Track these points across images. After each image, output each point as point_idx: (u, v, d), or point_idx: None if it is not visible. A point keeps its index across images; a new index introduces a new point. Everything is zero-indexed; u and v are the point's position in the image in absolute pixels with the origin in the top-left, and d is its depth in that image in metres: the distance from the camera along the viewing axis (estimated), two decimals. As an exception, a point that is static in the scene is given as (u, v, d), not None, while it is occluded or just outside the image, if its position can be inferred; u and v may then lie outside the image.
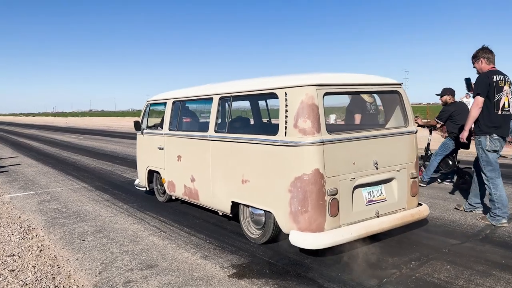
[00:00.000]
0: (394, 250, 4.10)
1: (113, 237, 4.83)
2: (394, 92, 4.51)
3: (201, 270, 3.78)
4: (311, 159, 3.70)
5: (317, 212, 3.70)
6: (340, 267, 3.72)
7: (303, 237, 3.73)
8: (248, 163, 4.30)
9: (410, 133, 4.45)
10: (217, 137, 4.74)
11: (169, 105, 5.86)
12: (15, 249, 4.51)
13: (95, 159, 12.57)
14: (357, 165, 3.95)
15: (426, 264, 3.74)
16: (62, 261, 4.15)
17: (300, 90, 3.80)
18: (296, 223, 3.78)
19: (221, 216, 5.04)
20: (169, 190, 5.97)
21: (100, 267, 3.94)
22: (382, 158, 4.14)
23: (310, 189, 3.69)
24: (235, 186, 4.48)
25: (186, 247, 4.41)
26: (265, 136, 4.17)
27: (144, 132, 6.49)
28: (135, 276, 3.70)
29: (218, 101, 4.84)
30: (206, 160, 4.93)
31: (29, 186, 8.28)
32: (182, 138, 5.49)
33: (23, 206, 6.58)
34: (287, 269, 3.74)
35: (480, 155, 4.96)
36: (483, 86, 4.76)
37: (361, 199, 4.02)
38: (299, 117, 3.75)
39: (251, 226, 4.52)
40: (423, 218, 4.55)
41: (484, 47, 4.97)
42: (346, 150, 3.89)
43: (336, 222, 3.79)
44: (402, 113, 4.51)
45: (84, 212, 6.06)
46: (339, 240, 3.74)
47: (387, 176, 4.22)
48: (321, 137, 3.70)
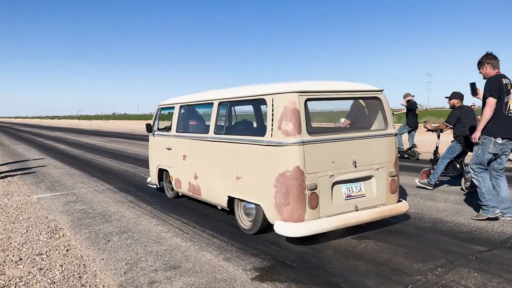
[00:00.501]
0: (419, 256, 4.03)
1: (137, 238, 4.91)
2: (375, 98, 4.90)
3: (224, 272, 3.80)
4: (292, 157, 4.17)
5: (297, 204, 4.16)
6: (363, 273, 3.69)
7: (286, 226, 4.19)
8: (241, 162, 4.79)
9: (389, 135, 4.83)
10: (216, 138, 5.26)
11: (177, 109, 6.44)
12: (43, 248, 4.62)
13: (118, 161, 12.79)
14: (336, 163, 4.39)
15: (452, 271, 3.66)
16: (88, 260, 4.23)
17: (284, 96, 4.26)
18: (280, 214, 4.25)
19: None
20: (176, 187, 6.47)
21: (125, 267, 4.00)
22: (361, 158, 4.56)
23: (291, 184, 4.15)
24: (230, 182, 4.96)
25: (208, 249, 4.45)
26: (255, 137, 4.64)
27: (155, 134, 7.05)
28: (159, 276, 3.74)
29: (218, 105, 5.34)
30: (207, 159, 5.45)
31: (55, 187, 8.49)
32: (187, 139, 6.03)
33: (50, 206, 6.74)
34: (310, 273, 3.72)
35: (476, 153, 5.15)
36: (495, 89, 4.92)
37: (340, 194, 4.45)
38: (282, 120, 4.22)
39: (243, 218, 5.00)
40: (402, 213, 4.94)
41: (488, 53, 5.15)
42: (326, 150, 4.34)
43: (315, 214, 4.24)
44: (383, 117, 4.89)
45: (109, 213, 6.18)
46: (317, 230, 4.18)
47: (366, 174, 4.62)
48: (302, 138, 4.17)
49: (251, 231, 4.84)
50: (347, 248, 4.33)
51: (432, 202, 6.26)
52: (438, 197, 6.55)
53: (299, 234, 4.16)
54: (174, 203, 6.64)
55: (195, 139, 5.78)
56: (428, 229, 4.91)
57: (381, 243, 4.44)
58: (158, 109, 7.17)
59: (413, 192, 7.02)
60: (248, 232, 4.88)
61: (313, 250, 4.32)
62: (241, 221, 5.03)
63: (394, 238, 4.61)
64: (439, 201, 6.28)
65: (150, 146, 7.33)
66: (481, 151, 5.09)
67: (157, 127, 7.08)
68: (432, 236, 4.66)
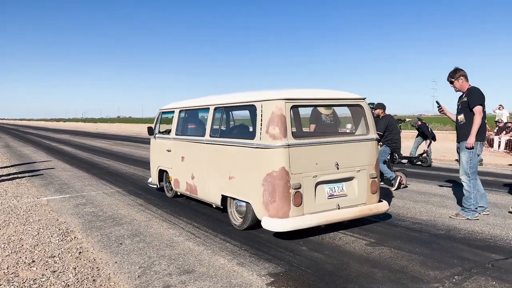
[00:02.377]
0: (435, 264, 3.99)
1: (149, 241, 4.89)
2: (357, 105, 5.23)
3: (239, 277, 3.78)
4: (278, 159, 4.50)
5: (283, 202, 4.49)
6: (380, 280, 3.65)
7: (272, 221, 4.52)
8: (233, 163, 5.12)
9: (369, 140, 5.15)
10: (211, 141, 5.60)
11: (176, 113, 6.80)
12: (55, 251, 4.62)
13: (126, 164, 12.81)
14: (319, 165, 4.72)
15: (469, 279, 3.62)
16: (101, 263, 4.22)
17: (272, 103, 4.62)
18: (267, 210, 4.58)
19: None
20: (174, 187, 6.82)
21: (138, 270, 3.99)
22: (342, 160, 4.89)
23: (277, 183, 4.49)
24: (224, 182, 5.30)
25: (222, 253, 4.43)
26: (246, 140, 4.97)
27: (156, 137, 7.42)
28: (174, 281, 3.72)
29: (213, 111, 5.71)
30: (203, 161, 5.80)
31: (64, 190, 8.50)
32: (185, 141, 6.41)
33: (60, 208, 6.74)
34: (325, 279, 3.69)
35: (468, 158, 5.50)
36: (482, 98, 5.46)
37: (323, 193, 4.77)
38: (270, 125, 4.56)
39: (235, 215, 5.33)
40: (381, 213, 5.25)
41: (457, 68, 5.65)
42: (310, 152, 4.67)
43: (299, 211, 4.57)
44: (365, 123, 5.22)
45: (120, 216, 6.17)
46: (301, 225, 4.52)
47: (348, 175, 4.95)
48: (287, 141, 4.50)
49: (241, 227, 5.19)
50: (362, 255, 4.30)
51: (444, 209, 6.22)
52: (450, 205, 6.51)
53: (284, 229, 4.49)
54: (183, 207, 6.63)
55: (193, 141, 6.17)
56: (442, 237, 4.87)
57: (395, 250, 4.40)
58: (159, 113, 7.54)
59: (425, 199, 6.98)
60: (239, 228, 5.23)
61: (326, 256, 4.29)
62: (233, 218, 5.36)
63: (409, 245, 4.57)
64: (451, 208, 6.24)
65: (151, 148, 7.72)
66: (473, 155, 5.48)
67: (158, 130, 7.45)
68: (446, 243, 4.62)
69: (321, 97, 5.05)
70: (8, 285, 3.70)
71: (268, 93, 4.83)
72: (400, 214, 5.96)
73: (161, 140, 7.22)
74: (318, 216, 4.65)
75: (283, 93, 4.70)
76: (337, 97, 5.15)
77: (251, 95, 5.15)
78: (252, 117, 6.43)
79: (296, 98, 4.74)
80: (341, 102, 5.21)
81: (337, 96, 5.15)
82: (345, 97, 5.20)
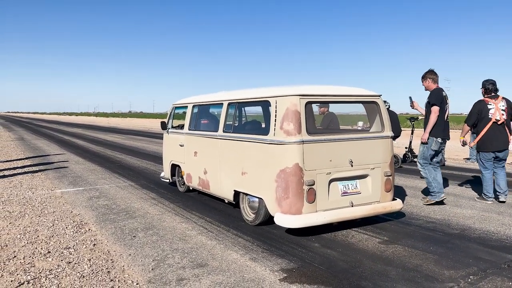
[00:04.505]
0: (450, 263, 3.96)
1: (162, 234, 4.93)
2: (373, 102, 5.19)
3: (251, 272, 3.78)
4: (292, 155, 4.47)
5: (296, 198, 4.47)
6: (394, 278, 3.63)
7: (285, 218, 4.51)
8: (247, 158, 5.11)
9: (385, 138, 5.13)
10: (225, 136, 5.59)
11: (190, 108, 6.82)
12: (70, 242, 4.67)
13: (138, 158, 12.91)
14: (333, 162, 4.69)
15: (485, 279, 3.58)
16: (115, 256, 4.26)
17: (287, 99, 4.58)
18: (280, 207, 4.57)
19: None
20: (187, 181, 6.86)
21: (152, 263, 4.02)
22: (357, 157, 4.86)
23: (291, 179, 4.46)
24: (237, 177, 5.31)
25: (234, 248, 4.44)
26: (260, 136, 4.96)
27: (169, 132, 7.45)
28: (187, 274, 3.75)
29: (227, 106, 5.69)
30: (216, 156, 5.80)
31: (77, 182, 8.59)
32: (198, 137, 6.39)
33: (73, 201, 6.82)
34: (339, 276, 3.68)
35: (422, 150, 6.30)
36: (439, 98, 6.08)
37: (336, 190, 4.75)
38: (284, 121, 4.53)
39: (248, 211, 5.33)
40: (395, 211, 5.21)
41: (430, 70, 6.33)
42: (324, 149, 4.64)
43: (312, 208, 4.55)
44: (380, 120, 5.18)
45: (133, 209, 6.22)
46: (313, 222, 4.51)
47: (362, 172, 4.92)
48: (302, 137, 4.47)
49: (253, 222, 5.19)
50: (375, 253, 4.27)
51: (458, 208, 6.15)
52: (464, 204, 6.44)
53: (297, 225, 4.49)
54: (195, 201, 6.66)
55: (206, 136, 6.15)
56: (456, 236, 4.82)
57: (409, 249, 4.37)
58: (173, 108, 7.54)
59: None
60: (252, 223, 5.23)
61: (339, 253, 4.27)
62: (245, 213, 5.36)
63: (422, 244, 4.54)
64: (465, 208, 6.17)
65: (164, 142, 7.75)
66: (426, 149, 6.22)
67: (171, 125, 7.47)
68: (461, 243, 4.57)
69: (336, 93, 4.99)
70: (25, 274, 3.75)
71: (282, 89, 4.79)
72: (414, 213, 5.91)
73: (174, 135, 7.26)
74: (331, 213, 4.64)
75: (298, 89, 4.67)
76: (353, 93, 5.09)
77: (265, 91, 5.14)
78: (265, 113, 6.46)
79: (311, 94, 4.71)
80: (356, 98, 5.13)
81: (353, 93, 5.09)
82: (361, 94, 5.14)
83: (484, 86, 6.49)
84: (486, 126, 6.29)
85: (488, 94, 6.43)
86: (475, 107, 6.42)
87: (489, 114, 6.29)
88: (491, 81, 6.48)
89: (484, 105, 6.33)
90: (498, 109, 6.30)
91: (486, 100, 6.35)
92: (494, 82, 6.48)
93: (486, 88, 6.47)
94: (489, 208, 6.17)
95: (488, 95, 6.43)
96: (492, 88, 6.43)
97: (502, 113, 6.30)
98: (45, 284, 3.57)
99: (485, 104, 6.33)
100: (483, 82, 6.55)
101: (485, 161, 6.45)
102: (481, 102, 6.39)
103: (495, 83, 6.48)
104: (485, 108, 6.32)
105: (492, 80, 6.50)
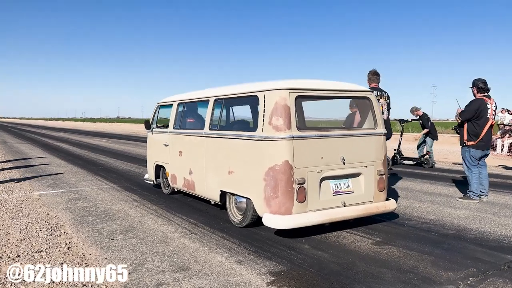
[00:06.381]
0: (447, 265, 3.74)
1: (142, 237, 4.63)
2: (365, 98, 4.97)
3: (237, 275, 3.51)
4: (281, 151, 4.22)
5: (285, 197, 4.20)
6: (389, 280, 3.39)
7: (274, 218, 4.23)
8: (234, 156, 4.85)
9: (377, 135, 4.88)
10: (211, 134, 5.32)
11: (175, 106, 6.51)
12: (43, 245, 4.35)
13: (123, 161, 12.54)
14: (324, 159, 4.44)
15: (485, 281, 3.37)
16: (90, 259, 3.95)
17: (275, 93, 4.34)
18: (269, 207, 4.29)
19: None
20: (171, 183, 6.52)
21: (130, 267, 3.72)
22: (349, 155, 4.61)
23: (280, 177, 4.20)
24: (223, 176, 5.02)
25: (219, 250, 4.16)
26: (247, 132, 4.75)
27: (153, 131, 7.14)
28: (167, 278, 3.46)
29: (213, 102, 5.42)
30: (201, 155, 5.52)
31: (57, 185, 8.22)
32: (184, 135, 6.12)
33: (51, 203, 6.47)
34: (331, 279, 3.43)
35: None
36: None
37: (328, 189, 4.49)
38: (273, 116, 4.28)
39: (235, 212, 5.05)
40: (389, 211, 4.96)
41: (371, 70, 6.57)
42: (315, 145, 4.40)
43: (303, 208, 4.28)
44: (373, 116, 4.95)
45: (113, 211, 5.90)
46: (304, 223, 4.23)
47: (354, 171, 4.67)
48: (291, 133, 4.22)
49: (240, 224, 4.91)
50: (368, 254, 4.04)
51: (452, 209, 5.96)
52: (458, 205, 6.25)
53: (286, 226, 4.21)
54: (180, 203, 6.37)
55: (191, 135, 5.90)
56: (452, 237, 4.61)
57: (404, 250, 4.15)
58: (157, 107, 7.23)
59: (431, 199, 6.72)
60: (239, 225, 4.93)
61: (331, 255, 4.03)
62: (232, 215, 5.08)
63: (418, 245, 4.31)
64: (459, 208, 5.98)
65: (148, 142, 7.45)
66: None
67: (156, 124, 7.17)
68: (457, 243, 4.36)
69: (327, 88, 4.73)
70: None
71: (271, 83, 4.54)
72: (407, 213, 5.70)
73: (158, 134, 6.96)
74: (323, 213, 4.37)
75: (287, 82, 4.41)
76: (344, 88, 4.86)
77: (253, 85, 4.87)
78: (253, 110, 6.20)
79: (301, 88, 4.45)
80: (348, 94, 4.93)
81: (344, 88, 4.86)
82: (353, 89, 4.92)
83: (476, 85, 6.33)
84: (486, 126, 6.16)
85: (482, 93, 6.27)
86: (475, 104, 6.20)
87: (487, 113, 6.13)
88: (482, 80, 6.33)
89: (484, 104, 6.16)
90: (492, 110, 6.18)
91: (485, 99, 6.18)
92: (485, 81, 6.34)
93: (478, 87, 6.31)
94: (482, 208, 5.99)
95: (482, 94, 6.27)
96: (484, 87, 6.28)
97: (493, 114, 6.20)
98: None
99: (484, 103, 6.16)
100: (474, 81, 6.39)
101: (474, 160, 6.31)
102: (481, 100, 6.21)
103: (486, 82, 6.33)
104: (484, 108, 6.15)
105: (483, 79, 6.35)
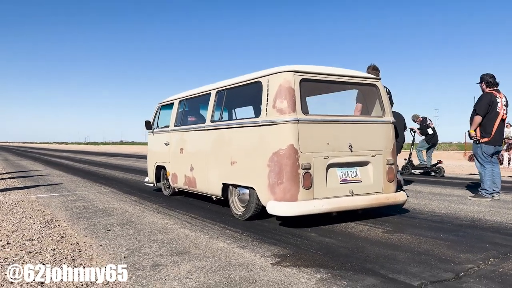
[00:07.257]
0: (464, 248, 3.49)
1: (140, 228, 4.40)
2: (372, 85, 4.81)
3: (239, 257, 3.28)
4: (286, 135, 4.04)
5: (291, 183, 4.01)
6: (403, 260, 3.15)
7: (279, 205, 4.02)
8: (236, 146, 4.69)
9: (385, 123, 4.71)
10: (213, 126, 5.19)
11: (176, 104, 6.40)
12: (35, 235, 4.12)
13: (124, 172, 12.37)
14: (331, 145, 4.26)
15: (508, 261, 3.12)
16: (84, 246, 3.72)
17: (279, 75, 4.19)
18: (273, 194, 4.10)
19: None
20: (172, 182, 6.34)
21: (125, 252, 3.49)
22: (357, 142, 4.43)
23: (285, 162, 4.01)
24: (225, 168, 4.88)
25: (220, 238, 3.93)
26: (250, 119, 4.58)
27: (154, 132, 7.02)
28: (165, 260, 3.22)
29: (215, 94, 5.29)
30: (203, 149, 5.38)
31: (55, 190, 8.02)
32: (185, 131, 5.96)
33: (48, 203, 6.26)
34: (341, 260, 3.19)
35: None
36: None
37: (335, 177, 4.29)
38: (277, 98, 4.12)
39: (237, 204, 4.85)
40: (400, 203, 4.74)
41: (370, 65, 6.00)
42: (321, 130, 4.22)
43: (309, 195, 4.08)
44: (380, 104, 4.79)
45: (111, 209, 5.68)
46: (310, 210, 4.00)
47: (362, 159, 4.48)
48: (296, 116, 4.04)
49: (243, 216, 4.70)
50: (379, 240, 3.79)
51: (465, 205, 5.71)
52: (470, 202, 6.00)
53: (292, 213, 3.99)
54: (181, 202, 6.16)
55: (192, 130, 5.76)
56: (467, 226, 4.37)
57: (417, 237, 3.90)
58: (158, 108, 7.12)
59: (441, 198, 6.49)
60: (241, 218, 4.73)
61: (339, 241, 3.78)
62: (235, 207, 4.89)
63: (431, 232, 4.07)
64: (471, 205, 5.74)
65: (149, 144, 7.31)
66: None
67: (157, 124, 7.07)
68: (473, 231, 4.12)
69: (333, 73, 4.55)
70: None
71: (275, 68, 4.38)
72: (417, 209, 5.45)
73: (159, 134, 6.85)
74: (330, 201, 4.14)
75: (291, 66, 4.27)
76: (351, 74, 4.69)
77: (256, 73, 4.69)
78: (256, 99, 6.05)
79: (305, 72, 4.30)
80: (354, 80, 4.74)
81: (351, 74, 4.70)
82: (360, 76, 4.77)
83: (485, 80, 6.17)
84: (497, 121, 5.96)
85: (491, 87, 6.11)
86: (485, 98, 6.01)
87: (497, 108, 5.96)
88: (491, 75, 6.18)
89: (494, 97, 5.99)
90: (502, 104, 6.01)
91: (494, 93, 6.01)
92: (493, 75, 6.19)
93: (487, 81, 6.14)
94: (496, 205, 5.74)
95: (491, 88, 6.10)
96: (493, 81, 6.12)
97: (504, 108, 6.02)
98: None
99: (494, 97, 5.99)
100: (483, 76, 6.24)
101: (487, 156, 6.09)
102: (490, 94, 6.03)
103: (495, 76, 6.18)
104: (495, 101, 5.98)
105: (491, 74, 6.20)
